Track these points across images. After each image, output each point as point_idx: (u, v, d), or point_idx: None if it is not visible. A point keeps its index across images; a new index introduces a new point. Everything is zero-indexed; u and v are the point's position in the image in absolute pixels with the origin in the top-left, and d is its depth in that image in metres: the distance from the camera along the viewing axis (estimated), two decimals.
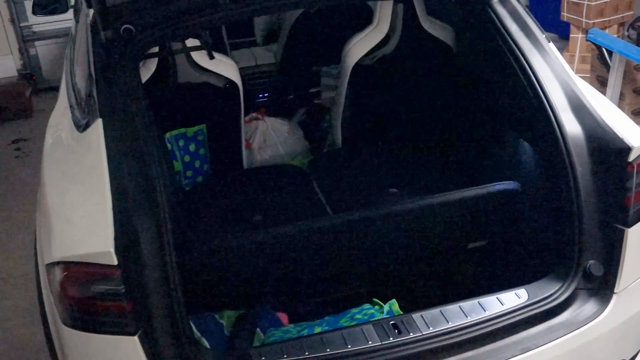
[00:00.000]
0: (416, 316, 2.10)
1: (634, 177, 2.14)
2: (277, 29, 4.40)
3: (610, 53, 4.85)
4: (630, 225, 2.15)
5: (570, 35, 5.48)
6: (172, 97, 3.01)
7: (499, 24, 2.53)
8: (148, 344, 1.87)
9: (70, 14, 3.74)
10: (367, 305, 2.38)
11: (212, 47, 2.98)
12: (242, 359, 2.02)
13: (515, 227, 2.62)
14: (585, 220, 2.17)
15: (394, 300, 2.37)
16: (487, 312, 2.12)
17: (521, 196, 2.56)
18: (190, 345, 1.92)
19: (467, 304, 2.16)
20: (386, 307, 2.35)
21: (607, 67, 4.91)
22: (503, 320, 2.10)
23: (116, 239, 1.82)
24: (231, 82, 3.03)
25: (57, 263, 1.87)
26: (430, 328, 2.06)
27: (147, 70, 2.80)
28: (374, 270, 2.62)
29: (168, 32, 2.30)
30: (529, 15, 2.55)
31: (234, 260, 2.49)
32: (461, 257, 2.71)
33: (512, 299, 2.18)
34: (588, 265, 2.17)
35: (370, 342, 2.02)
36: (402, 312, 2.29)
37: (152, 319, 1.88)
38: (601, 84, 5.06)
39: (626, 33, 5.42)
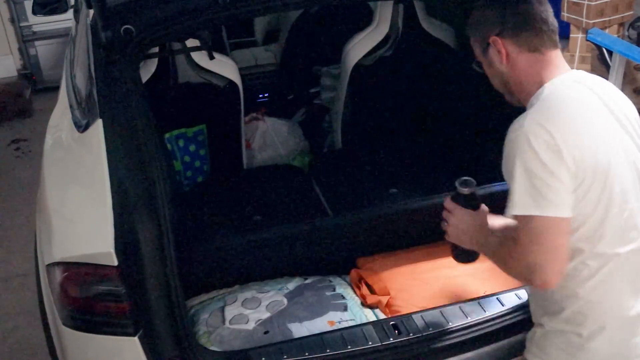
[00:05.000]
0: (416, 317, 2.11)
1: None
2: (277, 29, 4.40)
3: (610, 53, 4.85)
4: None
5: (570, 35, 5.48)
6: (172, 98, 3.01)
7: None
8: (148, 345, 1.87)
9: (70, 14, 3.73)
10: None
11: (212, 47, 2.98)
12: (242, 359, 2.02)
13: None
14: None
15: None
16: (487, 312, 2.13)
17: None
18: (190, 346, 1.92)
19: (467, 305, 2.17)
20: None
21: (607, 67, 4.91)
22: (503, 321, 2.10)
23: (116, 239, 1.82)
24: (231, 82, 3.03)
25: (58, 263, 1.87)
26: (430, 329, 2.06)
27: (147, 70, 2.80)
28: None
29: (168, 32, 2.30)
30: None
31: (233, 261, 2.49)
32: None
33: (512, 299, 2.18)
34: None
35: (370, 343, 2.02)
36: None
37: (153, 320, 1.88)
38: None
39: (626, 33, 5.42)
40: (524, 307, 2.12)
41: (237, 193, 2.96)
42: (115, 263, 1.81)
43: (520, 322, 2.10)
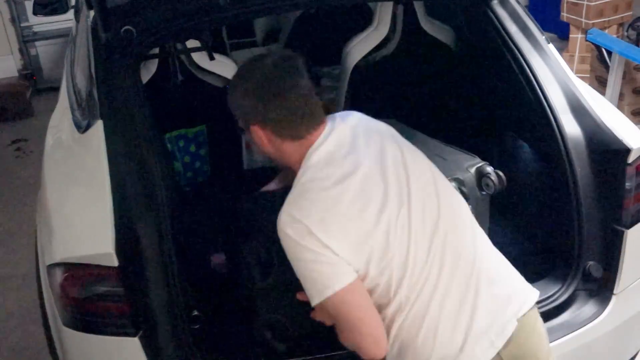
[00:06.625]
0: None
1: (634, 179, 2.14)
2: (277, 29, 4.40)
3: (609, 53, 4.86)
4: (629, 227, 2.15)
5: (570, 36, 5.49)
6: (172, 98, 3.01)
7: (498, 25, 2.53)
8: (149, 345, 1.87)
9: (70, 14, 3.74)
10: None
11: (212, 47, 2.98)
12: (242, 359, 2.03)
13: (515, 228, 2.63)
14: (585, 221, 2.17)
15: None
16: None
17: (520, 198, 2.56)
18: (190, 346, 1.93)
19: None
20: None
21: (607, 67, 4.92)
22: None
23: (117, 240, 1.82)
24: None
25: (58, 264, 1.87)
26: None
27: (148, 71, 2.80)
28: None
29: (168, 33, 2.31)
30: (529, 17, 2.55)
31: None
32: None
33: None
34: (587, 266, 2.17)
35: None
36: None
37: (153, 320, 1.88)
38: (601, 84, 5.07)
39: (626, 33, 5.42)
40: None
41: (238, 194, 2.96)
42: (116, 264, 1.81)
43: None
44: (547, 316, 2.14)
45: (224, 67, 3.03)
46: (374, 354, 1.60)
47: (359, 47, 3.12)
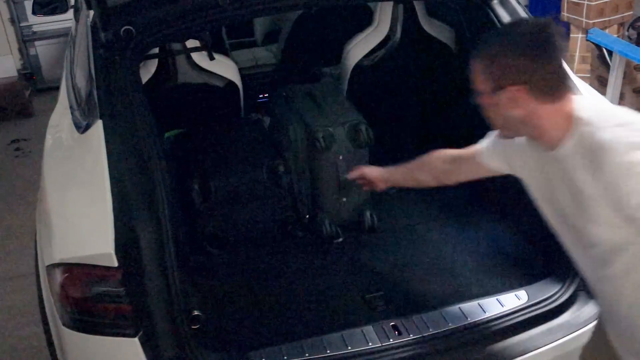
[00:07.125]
0: (416, 318, 2.12)
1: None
2: (277, 29, 4.40)
3: (610, 53, 4.86)
4: None
5: (570, 35, 5.48)
6: (172, 98, 3.01)
7: (499, 25, 2.53)
8: (148, 346, 1.87)
9: (70, 14, 3.74)
10: None
11: (212, 47, 2.98)
12: (242, 359, 2.03)
13: (515, 229, 2.62)
14: None
15: None
16: (486, 313, 2.13)
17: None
18: (190, 347, 1.92)
19: (466, 306, 2.17)
20: None
21: (607, 67, 4.92)
22: (503, 322, 2.10)
23: (117, 240, 1.82)
24: (231, 83, 3.03)
25: (58, 264, 1.87)
26: (430, 330, 2.07)
27: (147, 71, 2.80)
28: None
29: (168, 33, 2.30)
30: (529, 17, 2.55)
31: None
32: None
33: (512, 300, 2.19)
34: None
35: (370, 344, 2.03)
36: None
37: (153, 321, 1.88)
38: (601, 84, 5.06)
39: (626, 33, 5.42)
40: (523, 309, 2.12)
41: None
42: (116, 264, 1.81)
43: (520, 323, 2.11)
44: (547, 317, 2.14)
45: (224, 67, 3.03)
46: None
47: (359, 47, 3.12)
